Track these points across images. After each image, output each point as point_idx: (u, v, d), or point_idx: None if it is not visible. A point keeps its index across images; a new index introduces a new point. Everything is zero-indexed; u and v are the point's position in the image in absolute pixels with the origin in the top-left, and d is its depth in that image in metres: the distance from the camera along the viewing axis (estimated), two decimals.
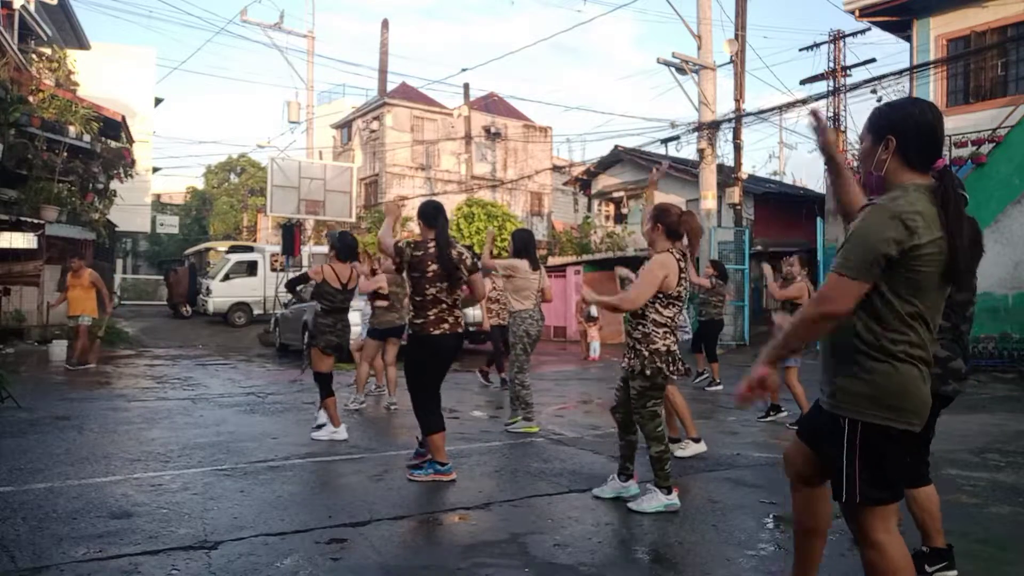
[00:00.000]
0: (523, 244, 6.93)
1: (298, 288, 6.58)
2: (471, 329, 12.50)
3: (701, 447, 5.65)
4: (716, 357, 10.34)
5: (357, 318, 9.29)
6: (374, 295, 7.88)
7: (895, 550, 2.19)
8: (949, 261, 2.12)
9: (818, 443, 2.40)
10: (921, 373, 2.17)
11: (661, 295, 4.09)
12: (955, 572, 3.24)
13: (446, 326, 4.73)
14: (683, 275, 4.16)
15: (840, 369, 2.22)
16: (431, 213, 4.86)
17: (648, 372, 4.09)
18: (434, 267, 4.69)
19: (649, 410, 4.17)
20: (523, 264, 6.80)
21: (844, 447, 2.17)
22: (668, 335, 4.14)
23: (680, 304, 4.21)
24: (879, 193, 2.23)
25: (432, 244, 4.74)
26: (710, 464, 5.40)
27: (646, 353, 4.09)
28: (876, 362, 2.14)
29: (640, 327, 4.14)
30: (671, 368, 4.14)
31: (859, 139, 2.37)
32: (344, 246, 6.43)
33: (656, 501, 4.10)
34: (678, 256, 4.16)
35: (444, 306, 4.74)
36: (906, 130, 2.18)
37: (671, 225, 4.19)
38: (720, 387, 9.86)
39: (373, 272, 8.01)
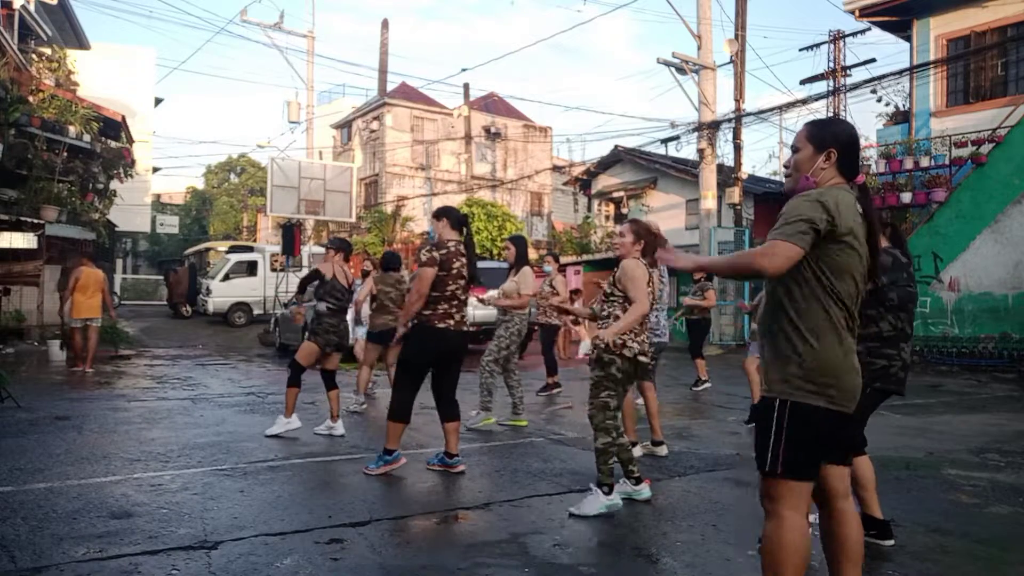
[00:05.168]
0: (525, 250, 7.27)
1: (307, 288, 6.71)
2: (471, 329, 12.52)
3: (661, 450, 5.61)
4: (701, 354, 10.34)
5: (351, 316, 9.41)
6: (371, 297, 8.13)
7: (793, 528, 2.29)
8: (869, 258, 2.38)
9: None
10: (843, 347, 2.31)
11: (623, 297, 4.30)
12: (891, 541, 3.56)
13: (451, 322, 4.93)
14: (651, 278, 4.40)
15: (775, 356, 2.37)
16: (461, 220, 5.14)
17: (603, 360, 4.23)
18: (457, 265, 4.91)
19: (600, 400, 4.27)
20: (531, 271, 7.12)
21: (773, 423, 2.31)
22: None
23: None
24: None
25: (454, 244, 4.99)
26: (710, 464, 5.41)
27: (602, 345, 4.26)
28: (803, 342, 2.30)
29: (604, 323, 4.32)
30: (621, 352, 4.20)
31: (792, 148, 2.52)
32: (349, 245, 6.85)
33: (597, 503, 4.07)
34: (644, 261, 4.39)
35: (456, 303, 4.95)
36: (845, 144, 2.44)
37: (648, 238, 4.48)
38: (708, 384, 9.84)
39: (367, 274, 8.46)
